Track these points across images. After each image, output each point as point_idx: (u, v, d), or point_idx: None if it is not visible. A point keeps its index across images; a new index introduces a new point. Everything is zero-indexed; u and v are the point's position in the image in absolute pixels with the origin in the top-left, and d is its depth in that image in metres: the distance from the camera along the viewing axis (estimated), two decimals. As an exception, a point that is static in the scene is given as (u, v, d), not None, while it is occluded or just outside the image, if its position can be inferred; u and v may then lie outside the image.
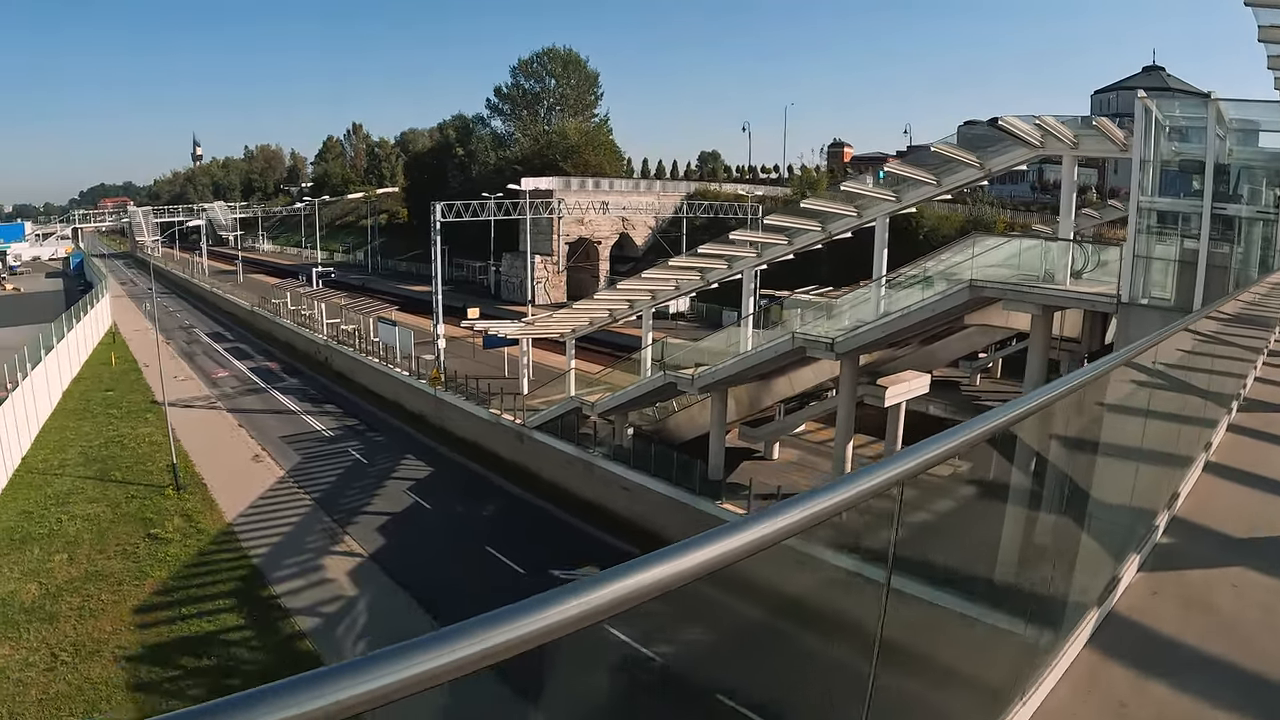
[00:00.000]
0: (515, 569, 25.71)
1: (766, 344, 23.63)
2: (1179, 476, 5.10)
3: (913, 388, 26.15)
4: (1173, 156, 18.44)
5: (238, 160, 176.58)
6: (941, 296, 20.26)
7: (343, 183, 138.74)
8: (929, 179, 22.37)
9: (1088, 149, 21.05)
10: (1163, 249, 18.88)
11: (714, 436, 27.09)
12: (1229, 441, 6.33)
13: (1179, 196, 18.82)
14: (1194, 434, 5.84)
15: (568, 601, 1.10)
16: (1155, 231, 18.97)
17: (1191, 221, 18.30)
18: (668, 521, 26.67)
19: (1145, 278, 18.85)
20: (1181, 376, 5.72)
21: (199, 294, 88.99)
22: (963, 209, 58.24)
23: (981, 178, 22.40)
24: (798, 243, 25.66)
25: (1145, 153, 17.98)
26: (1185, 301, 17.71)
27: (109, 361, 53.90)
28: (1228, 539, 4.48)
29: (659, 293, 30.22)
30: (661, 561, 1.22)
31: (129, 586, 25.39)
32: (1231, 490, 5.33)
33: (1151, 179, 18.42)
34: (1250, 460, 5.90)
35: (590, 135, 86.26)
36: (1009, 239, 23.33)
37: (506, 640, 1.05)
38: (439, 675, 1.00)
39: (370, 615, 23.52)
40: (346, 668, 0.97)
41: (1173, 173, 18.89)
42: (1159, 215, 18.83)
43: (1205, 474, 5.44)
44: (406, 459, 36.11)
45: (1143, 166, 18.06)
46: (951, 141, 21.23)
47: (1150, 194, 18.52)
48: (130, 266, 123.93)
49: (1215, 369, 7.47)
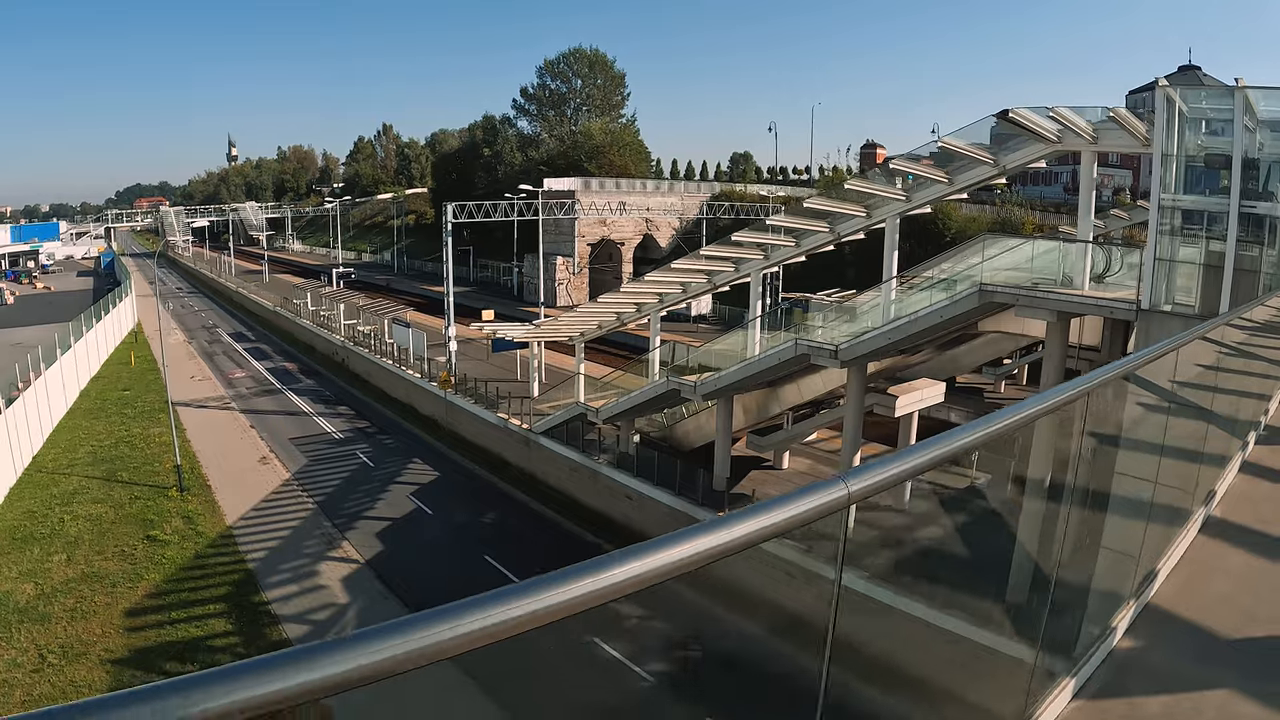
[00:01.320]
0: (512, 579, 24.90)
1: (770, 350, 22.63)
2: (1165, 537, 4.03)
3: (925, 397, 25.02)
4: (1197, 151, 16.98)
5: (270, 161, 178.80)
6: (950, 301, 19.03)
7: (373, 183, 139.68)
8: (940, 177, 21.14)
9: (1108, 144, 19.65)
10: (1186, 251, 17.43)
11: (719, 445, 26.15)
12: (1239, 488, 5.18)
13: (1204, 194, 17.40)
14: (1193, 476, 4.75)
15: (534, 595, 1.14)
16: (1178, 232, 17.52)
17: (1218, 221, 16.86)
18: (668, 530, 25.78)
19: (1167, 282, 17.42)
20: (1190, 396, 4.72)
21: (225, 294, 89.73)
22: (990, 210, 56.71)
23: (996, 175, 21.11)
24: (806, 244, 24.61)
25: (1167, 146, 16.55)
26: (1210, 308, 16.32)
27: (129, 361, 54.21)
28: (1211, 640, 3.39)
29: (666, 295, 29.33)
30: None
31: (123, 589, 25.16)
32: (1234, 559, 4.15)
33: (1174, 175, 16.98)
34: (1264, 515, 4.72)
35: (616, 135, 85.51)
36: (1022, 241, 21.93)
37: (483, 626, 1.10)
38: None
39: (358, 625, 22.83)
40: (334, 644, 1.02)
41: (1198, 168, 17.34)
42: (1183, 214, 17.37)
43: (1203, 536, 4.29)
44: (413, 463, 35.59)
45: (1164, 161, 16.64)
46: (958, 137, 19.92)
47: (1173, 191, 17.06)
48: (161, 266, 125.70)
49: (1235, 387, 6.43)
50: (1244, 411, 6.45)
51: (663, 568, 1.29)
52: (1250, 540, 4.29)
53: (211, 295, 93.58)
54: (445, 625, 1.10)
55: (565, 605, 1.18)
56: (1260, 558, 4.09)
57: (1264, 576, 3.92)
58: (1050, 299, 18.39)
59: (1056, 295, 18.41)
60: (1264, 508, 4.79)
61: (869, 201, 22.64)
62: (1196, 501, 4.56)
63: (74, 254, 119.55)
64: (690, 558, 1.32)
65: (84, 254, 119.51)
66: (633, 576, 1.25)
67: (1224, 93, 16.12)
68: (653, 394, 26.62)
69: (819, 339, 21.47)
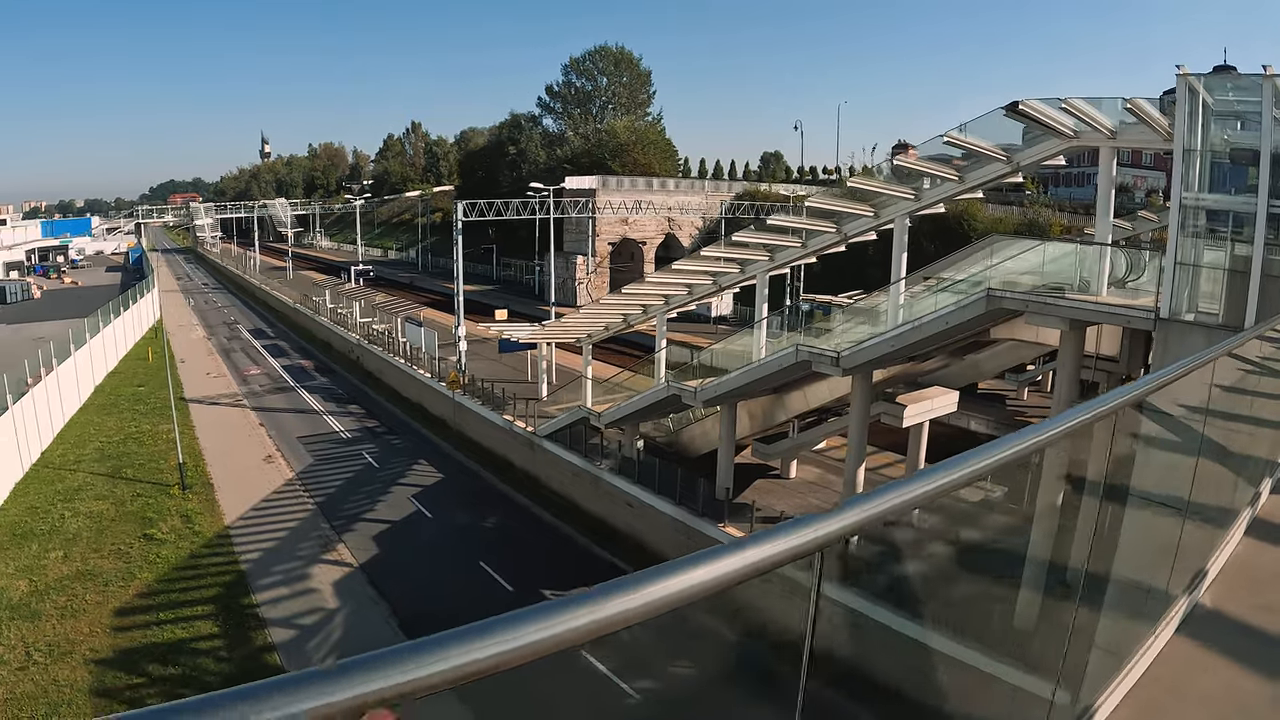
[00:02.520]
0: (506, 586, 24.34)
1: (771, 356, 21.67)
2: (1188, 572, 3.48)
3: (936, 406, 23.94)
4: (1223, 145, 15.57)
5: (301, 158, 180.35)
6: (956, 307, 17.92)
7: (401, 181, 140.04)
8: (950, 174, 19.99)
9: (1129, 139, 18.30)
10: (1210, 255, 16.08)
11: (722, 453, 25.25)
12: (1244, 555, 4.20)
13: (1230, 192, 16.04)
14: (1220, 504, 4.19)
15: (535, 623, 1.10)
16: (1201, 233, 16.18)
17: (1245, 222, 15.48)
18: (669, 543, 24.97)
19: (1189, 289, 16.07)
20: (1211, 422, 4.11)
21: (249, 290, 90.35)
22: (1018, 211, 55.12)
23: (1009, 173, 19.87)
24: (813, 245, 23.58)
25: (1189, 140, 15.19)
26: (1235, 317, 15.07)
27: (147, 357, 54.46)
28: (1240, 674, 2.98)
29: (672, 298, 28.44)
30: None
31: (115, 587, 24.96)
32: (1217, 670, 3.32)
33: (1197, 172, 15.60)
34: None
35: (640, 134, 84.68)
36: (1034, 243, 20.64)
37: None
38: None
39: (344, 631, 22.41)
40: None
41: (1223, 164, 16.00)
42: (1206, 214, 16.02)
43: (1177, 636, 3.43)
44: (419, 464, 35.09)
45: (1186, 157, 15.30)
46: (965, 132, 18.73)
47: (1195, 189, 15.66)
48: (189, 261, 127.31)
49: (1261, 413, 5.45)
50: (1260, 446, 5.52)
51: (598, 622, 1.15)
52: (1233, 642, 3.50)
53: (236, 291, 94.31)
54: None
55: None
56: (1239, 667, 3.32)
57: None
58: (1062, 306, 17.18)
59: (1069, 302, 17.16)
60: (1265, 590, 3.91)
61: (876, 200, 21.56)
62: (1216, 541, 4.09)
63: (104, 249, 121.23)
64: (615, 617, 1.16)
65: (114, 249, 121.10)
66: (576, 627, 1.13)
67: (1252, 82, 14.74)
68: (654, 399, 25.78)
69: (821, 344, 20.43)
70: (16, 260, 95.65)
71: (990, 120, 18.54)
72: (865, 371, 21.04)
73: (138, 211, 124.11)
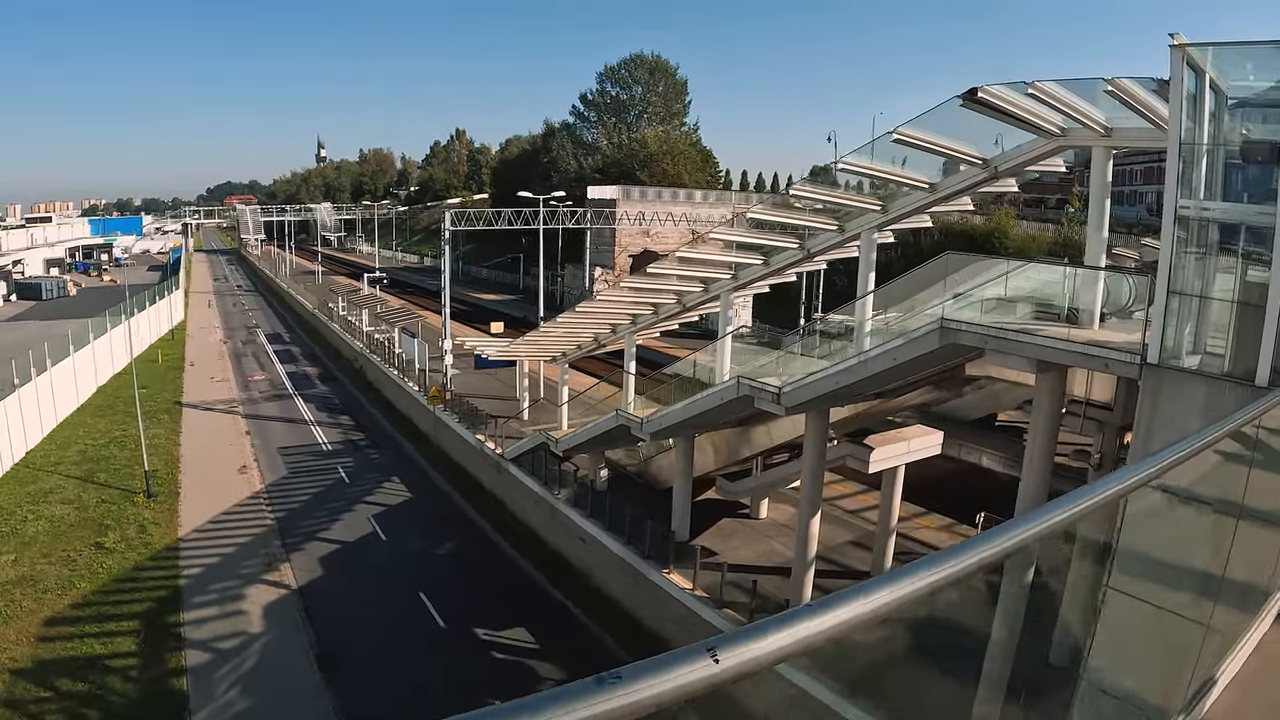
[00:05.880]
0: (438, 622, 22.92)
1: (712, 390, 19.78)
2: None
3: (914, 449, 21.66)
4: (1235, 137, 12.03)
5: (350, 163, 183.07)
6: (905, 341, 15.62)
7: (445, 188, 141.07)
8: (920, 182, 17.69)
9: (1127, 138, 15.22)
10: (1213, 281, 12.49)
11: (677, 489, 23.44)
12: None
13: (1241, 200, 12.33)
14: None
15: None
16: (1202, 254, 12.46)
17: (1261, 239, 11.75)
18: (618, 585, 23.26)
19: (1186, 326, 12.56)
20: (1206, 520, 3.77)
21: (279, 293, 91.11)
22: (1053, 229, 52.18)
23: (986, 179, 17.09)
24: (777, 262, 21.56)
25: (1187, 131, 11.69)
26: (1245, 365, 11.67)
27: (156, 359, 54.70)
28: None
29: (639, 317, 26.74)
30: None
31: (53, 596, 24.56)
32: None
33: (1201, 173, 12.01)
34: None
35: (671, 144, 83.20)
36: (997, 261, 17.77)
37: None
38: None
39: (258, 661, 21.24)
40: None
41: (1235, 163, 12.24)
42: (1208, 229, 12.36)
43: None
44: (390, 481, 33.97)
45: (1184, 153, 11.78)
46: (917, 126, 15.67)
47: (1195, 195, 12.08)
48: (231, 263, 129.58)
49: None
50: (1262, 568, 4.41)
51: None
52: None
53: (266, 294, 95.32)
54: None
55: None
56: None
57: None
58: (1025, 344, 14.31)
59: (1034, 339, 14.11)
60: None
61: (841, 213, 19.40)
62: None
63: (151, 248, 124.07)
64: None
65: (160, 249, 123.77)
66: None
67: (1271, 53, 11.32)
68: (604, 428, 24.06)
69: (765, 379, 18.43)
70: (58, 257, 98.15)
71: (952, 113, 14.71)
72: (821, 410, 19.01)
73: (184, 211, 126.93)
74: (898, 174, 17.82)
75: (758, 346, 28.52)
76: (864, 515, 25.99)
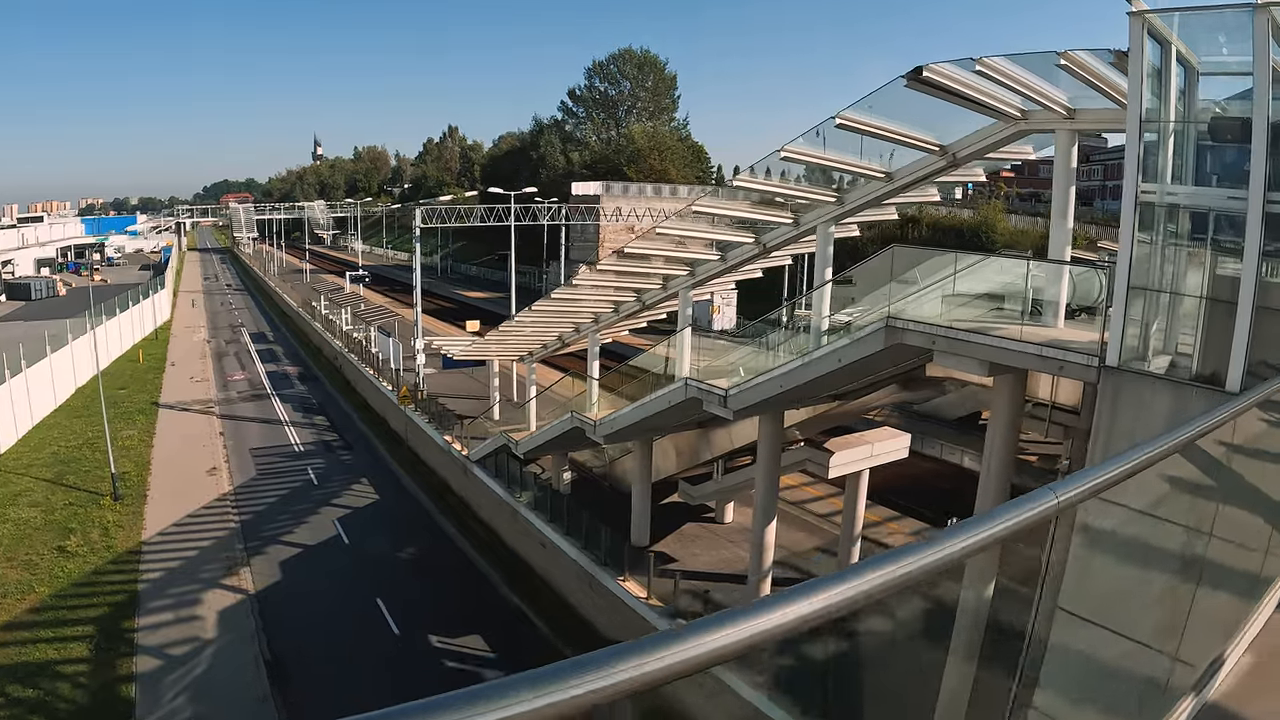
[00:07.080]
0: (393, 629, 22.65)
1: (660, 392, 19.45)
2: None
3: (878, 452, 21.25)
4: (1200, 113, 11.06)
5: (345, 160, 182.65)
6: (850, 342, 15.20)
7: (438, 185, 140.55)
8: (874, 171, 17.14)
9: (1092, 119, 14.12)
10: (1180, 274, 11.46)
11: (636, 494, 23.15)
12: None
13: (1210, 183, 11.32)
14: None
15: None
16: (1165, 244, 11.33)
17: (1230, 227, 10.77)
18: (575, 592, 22.97)
19: (1151, 324, 11.50)
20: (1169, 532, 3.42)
21: (266, 291, 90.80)
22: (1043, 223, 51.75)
23: (944, 167, 16.50)
24: (733, 257, 21.09)
25: (1150, 109, 10.68)
26: (1215, 366, 10.65)
27: (138, 358, 54.45)
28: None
29: (601, 315, 26.37)
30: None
31: (11, 600, 24.54)
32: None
33: (1164, 156, 10.94)
34: None
35: (659, 140, 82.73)
36: (939, 253, 17.18)
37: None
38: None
39: (208, 667, 21.01)
40: None
41: (1203, 143, 11.18)
42: (1173, 215, 11.30)
43: None
44: (359, 484, 33.71)
45: (1145, 131, 10.76)
46: (859, 109, 14.47)
47: (1157, 179, 10.99)
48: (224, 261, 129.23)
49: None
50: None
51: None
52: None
53: (255, 293, 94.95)
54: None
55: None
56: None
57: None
58: (975, 345, 13.40)
59: (983, 340, 13.27)
60: None
61: (795, 205, 18.93)
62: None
63: (144, 247, 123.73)
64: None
65: (153, 248, 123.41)
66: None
67: (1239, 15, 9.93)
68: (561, 430, 23.74)
69: (712, 381, 18.08)
70: (48, 257, 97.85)
71: (904, 96, 13.54)
72: (775, 414, 18.66)
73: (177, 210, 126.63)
74: (849, 162, 17.21)
75: (729, 342, 28.13)
76: (835, 520, 25.64)
